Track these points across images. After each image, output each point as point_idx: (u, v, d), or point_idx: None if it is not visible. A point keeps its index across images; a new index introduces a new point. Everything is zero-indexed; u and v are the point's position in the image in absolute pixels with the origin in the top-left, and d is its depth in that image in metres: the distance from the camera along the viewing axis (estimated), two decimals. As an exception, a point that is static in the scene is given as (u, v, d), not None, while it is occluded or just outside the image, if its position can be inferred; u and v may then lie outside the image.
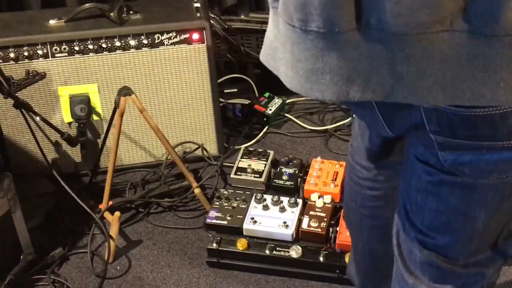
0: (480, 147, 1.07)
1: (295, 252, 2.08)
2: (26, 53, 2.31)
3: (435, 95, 0.99)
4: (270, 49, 1.15)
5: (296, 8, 1.01)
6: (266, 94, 2.80)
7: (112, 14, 2.35)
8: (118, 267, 2.19)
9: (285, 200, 2.21)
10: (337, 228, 2.11)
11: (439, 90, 0.99)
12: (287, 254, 2.09)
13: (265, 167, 2.41)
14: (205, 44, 2.37)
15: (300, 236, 2.13)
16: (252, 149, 2.49)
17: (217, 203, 2.25)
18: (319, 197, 2.21)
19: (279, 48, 1.11)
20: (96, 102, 2.41)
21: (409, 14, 0.94)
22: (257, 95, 2.82)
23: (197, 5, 2.43)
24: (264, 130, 2.73)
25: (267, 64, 1.17)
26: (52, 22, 2.37)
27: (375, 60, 1.00)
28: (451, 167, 1.12)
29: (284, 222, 2.14)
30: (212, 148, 2.57)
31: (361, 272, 1.76)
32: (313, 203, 2.19)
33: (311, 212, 2.16)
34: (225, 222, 2.18)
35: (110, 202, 2.25)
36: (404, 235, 1.30)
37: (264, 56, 1.18)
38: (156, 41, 2.36)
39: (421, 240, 1.26)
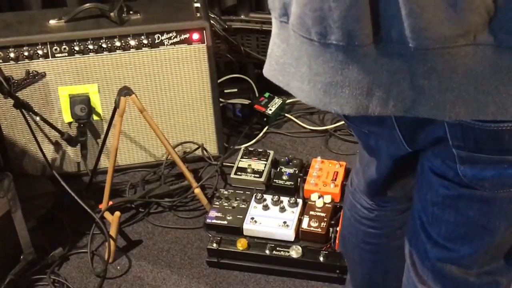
0: (503, 161, 1.06)
1: (295, 252, 2.08)
2: (26, 53, 2.31)
3: (458, 110, 0.97)
4: (277, 65, 1.12)
5: (314, 22, 0.99)
6: (266, 94, 2.80)
7: (112, 14, 2.35)
8: (118, 267, 2.19)
9: (285, 200, 2.21)
10: (337, 228, 2.11)
11: (462, 105, 0.97)
12: (287, 254, 2.09)
13: (265, 167, 2.40)
14: (205, 44, 2.37)
15: (300, 236, 2.13)
16: (252, 149, 2.49)
17: (217, 203, 2.25)
18: (319, 197, 2.21)
19: (290, 63, 1.08)
20: (96, 102, 2.41)
21: (431, 28, 0.92)
22: (257, 95, 2.82)
23: (197, 5, 2.43)
24: (264, 130, 2.73)
25: (274, 80, 1.13)
26: (52, 22, 2.37)
27: (396, 74, 0.98)
28: (471, 182, 1.10)
29: (284, 222, 2.14)
30: (212, 148, 2.57)
31: None
32: (313, 203, 2.19)
33: (311, 212, 2.16)
34: (225, 222, 2.18)
35: (110, 202, 2.25)
36: (418, 245, 1.28)
37: (270, 72, 1.14)
38: (156, 41, 2.36)
39: (436, 251, 1.24)
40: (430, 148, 1.15)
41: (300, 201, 2.21)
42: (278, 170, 2.37)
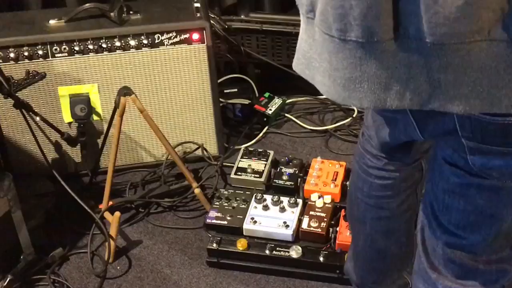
0: (510, 152, 1.10)
1: (295, 252, 2.08)
2: (26, 53, 2.31)
3: (472, 103, 1.01)
4: (304, 59, 1.17)
5: (335, 19, 1.03)
6: (266, 94, 2.80)
7: (112, 14, 2.35)
8: (118, 267, 2.19)
9: (285, 200, 2.21)
10: (337, 228, 2.11)
11: (476, 98, 1.01)
12: (287, 254, 2.09)
13: (265, 167, 2.40)
14: (205, 44, 2.37)
15: (300, 236, 2.13)
16: (252, 149, 2.49)
17: (217, 203, 2.25)
18: (319, 197, 2.21)
19: (315, 58, 1.12)
20: (96, 102, 2.41)
21: (447, 24, 0.96)
22: (257, 95, 2.82)
23: (197, 5, 2.43)
24: (264, 130, 2.73)
25: (301, 73, 1.18)
26: (52, 22, 2.37)
27: (413, 68, 1.02)
28: (480, 170, 1.14)
29: (284, 222, 2.14)
30: (212, 148, 2.57)
31: (360, 267, 1.77)
32: (313, 203, 2.19)
33: (311, 212, 2.16)
34: (225, 222, 2.18)
35: (110, 202, 2.25)
36: (430, 232, 1.32)
37: (298, 66, 1.19)
38: (156, 41, 2.36)
39: (446, 238, 1.28)
40: (442, 138, 1.19)
41: (300, 201, 2.21)
42: (278, 170, 2.37)
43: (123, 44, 2.34)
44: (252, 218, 2.16)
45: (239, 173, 2.40)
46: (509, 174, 1.14)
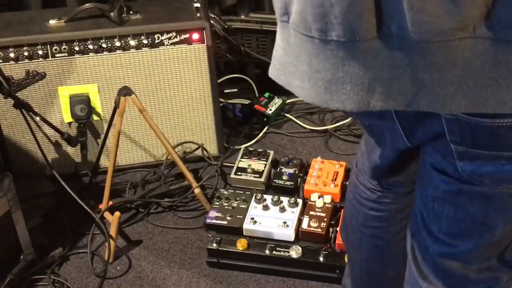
0: (500, 157, 1.06)
1: (295, 252, 2.08)
2: (26, 53, 2.31)
3: (458, 103, 0.98)
4: (279, 64, 1.13)
5: (315, 18, 0.99)
6: (266, 94, 2.80)
7: (112, 14, 2.35)
8: (118, 267, 2.19)
9: (285, 200, 2.21)
10: (337, 228, 2.11)
11: (462, 98, 0.97)
12: (287, 254, 2.09)
13: (265, 167, 2.40)
14: (205, 44, 2.37)
15: (300, 236, 2.13)
16: (252, 149, 2.49)
17: (217, 203, 2.25)
18: (319, 197, 2.21)
19: (291, 62, 1.09)
20: (96, 102, 2.41)
21: (430, 21, 0.93)
22: (257, 95, 2.82)
23: (197, 5, 2.43)
24: (264, 130, 2.73)
25: (277, 80, 1.14)
26: (52, 22, 2.37)
27: (397, 68, 0.98)
28: (470, 177, 1.11)
29: (284, 222, 2.14)
30: (212, 148, 2.57)
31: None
32: (313, 203, 2.19)
33: (311, 212, 2.16)
34: (225, 222, 2.18)
35: (110, 202, 2.25)
36: (419, 240, 1.29)
37: (274, 72, 1.15)
38: (156, 41, 2.36)
39: (437, 246, 1.25)
40: (430, 144, 1.15)
41: (300, 201, 2.21)
42: (278, 170, 2.37)
43: (123, 44, 2.34)
44: (252, 218, 2.16)
45: (239, 173, 2.40)
46: (500, 181, 1.10)
